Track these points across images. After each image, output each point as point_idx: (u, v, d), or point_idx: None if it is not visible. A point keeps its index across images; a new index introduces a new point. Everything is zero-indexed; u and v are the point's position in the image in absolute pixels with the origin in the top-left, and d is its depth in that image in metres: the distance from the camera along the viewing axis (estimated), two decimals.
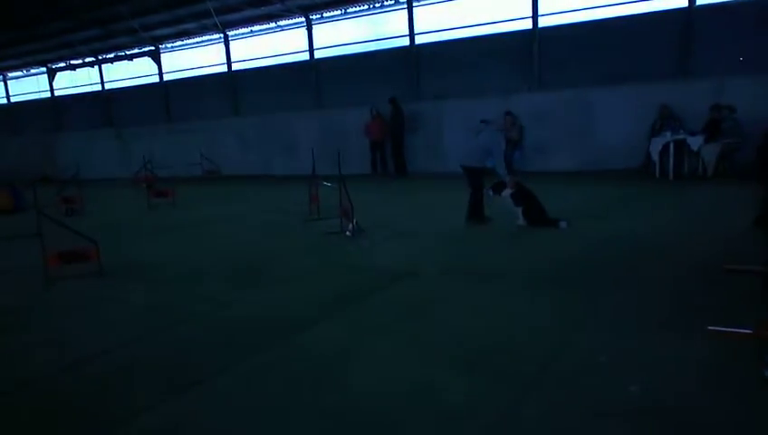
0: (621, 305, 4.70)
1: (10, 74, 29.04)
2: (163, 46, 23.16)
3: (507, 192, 8.30)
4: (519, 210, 8.22)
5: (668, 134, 12.07)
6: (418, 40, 17.44)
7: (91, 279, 6.55)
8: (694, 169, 11.98)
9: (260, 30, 20.66)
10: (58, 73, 26.88)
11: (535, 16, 15.34)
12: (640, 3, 14.18)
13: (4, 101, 29.73)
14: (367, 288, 5.60)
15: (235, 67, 21.59)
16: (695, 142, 11.74)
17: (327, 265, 6.71)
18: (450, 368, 3.73)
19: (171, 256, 7.83)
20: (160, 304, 5.57)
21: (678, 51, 13.86)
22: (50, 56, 25.72)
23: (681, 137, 11.94)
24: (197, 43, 22.50)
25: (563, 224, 7.90)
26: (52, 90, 27.40)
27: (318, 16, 19.09)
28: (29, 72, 28.33)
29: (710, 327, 3.93)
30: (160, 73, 23.57)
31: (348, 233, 8.12)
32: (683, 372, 3.49)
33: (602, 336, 4.09)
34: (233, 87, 21.60)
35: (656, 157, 12.26)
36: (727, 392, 3.25)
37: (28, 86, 28.65)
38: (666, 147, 12.05)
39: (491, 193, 8.46)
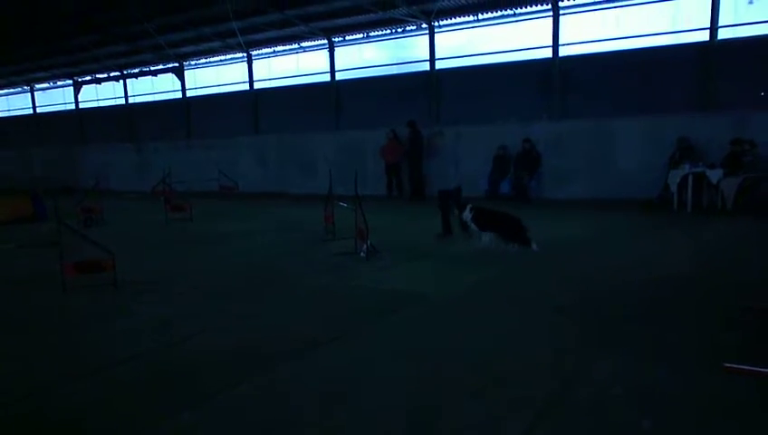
0: (636, 338, 4.64)
1: (37, 86, 29.65)
2: (187, 63, 23.55)
3: (467, 215, 8.53)
4: (491, 235, 8.29)
5: (687, 166, 12.00)
6: (439, 65, 17.58)
7: (107, 290, 6.60)
8: (713, 203, 11.89)
9: (283, 50, 20.96)
10: (84, 87, 27.40)
11: (556, 45, 15.41)
12: (661, 36, 14.21)
13: (31, 111, 30.33)
14: (380, 310, 5.59)
15: (256, 86, 21.86)
16: (714, 175, 11.67)
17: (340, 286, 6.71)
18: (462, 392, 3.69)
19: (185, 269, 7.88)
20: (173, 317, 5.59)
21: (699, 84, 13.83)
22: (76, 69, 26.26)
23: (700, 169, 11.87)
24: (221, 61, 22.85)
25: (535, 247, 7.93)
26: (77, 102, 27.92)
27: (340, 39, 19.33)
28: (56, 85, 28.91)
29: (726, 364, 3.87)
30: (183, 90, 23.92)
31: (362, 254, 8.12)
32: (697, 409, 3.43)
33: (617, 368, 4.03)
34: (254, 105, 21.85)
35: (674, 188, 12.18)
36: (745, 432, 3.20)
37: (54, 98, 29.24)
38: (684, 179, 11.98)
39: (456, 212, 8.88)
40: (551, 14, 15.29)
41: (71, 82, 27.75)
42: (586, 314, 5.30)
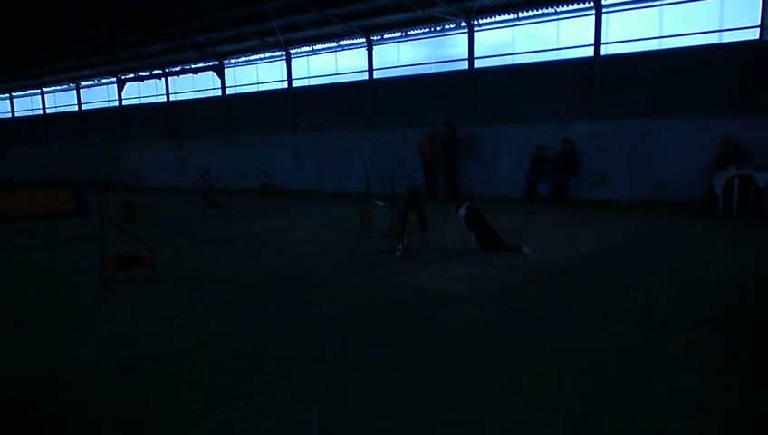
0: (678, 347, 4.50)
1: (83, 83, 30.43)
2: (227, 61, 23.86)
3: (462, 212, 8.65)
4: (472, 234, 8.49)
5: (733, 168, 11.65)
6: (478, 64, 17.42)
7: (146, 285, 6.71)
8: (760, 206, 11.51)
9: (321, 49, 21.06)
10: (127, 84, 28.01)
11: (597, 44, 15.11)
12: (707, 34, 13.82)
13: (76, 108, 31.18)
14: (417, 310, 5.56)
15: (295, 84, 22.02)
16: (761, 178, 11.30)
17: (377, 285, 6.68)
18: (500, 396, 3.63)
19: (224, 266, 7.95)
20: (210, 314, 5.65)
21: (746, 84, 13.39)
22: (120, 67, 26.86)
23: (747, 172, 11.51)
24: (260, 59, 23.09)
25: (526, 249, 8.12)
26: (120, 99, 28.56)
27: (378, 38, 19.32)
28: (100, 82, 29.63)
29: None
30: (223, 87, 24.25)
31: (398, 253, 8.09)
32: (741, 423, 3.31)
33: (659, 377, 3.92)
34: (292, 103, 22.01)
35: (719, 191, 11.83)
36: None
37: (99, 95, 30.00)
38: (730, 181, 11.63)
39: (453, 208, 8.92)
40: (593, 12, 15.01)
41: (114, 79, 28.40)
42: (626, 319, 5.17)
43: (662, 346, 4.49)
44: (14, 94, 34.98)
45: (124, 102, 28.58)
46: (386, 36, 19.20)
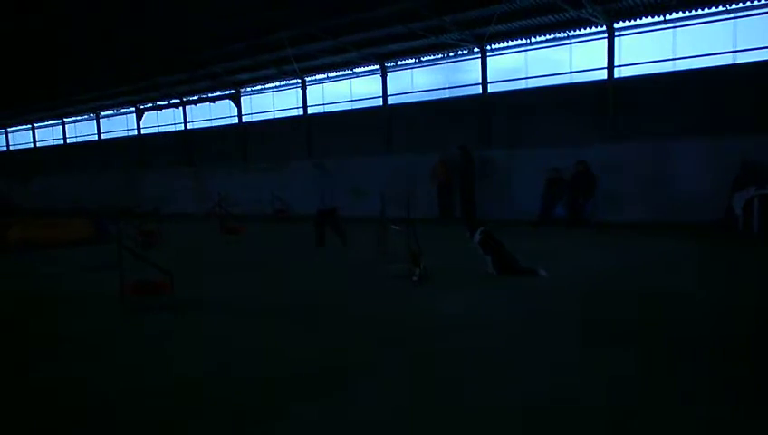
0: (700, 375, 4.43)
1: (103, 113, 31.02)
2: (243, 90, 24.21)
3: (477, 238, 8.62)
4: (488, 259, 8.45)
5: (753, 189, 11.53)
6: (491, 88, 17.52)
7: (165, 311, 6.75)
8: None
9: (336, 76, 21.33)
10: (145, 113, 28.50)
11: (611, 67, 15.15)
12: (722, 55, 13.81)
13: (96, 137, 31.76)
14: (434, 336, 5.52)
15: (310, 111, 22.25)
16: None
17: (393, 311, 6.65)
18: (518, 421, 3.60)
19: (241, 293, 7.97)
20: (229, 341, 5.66)
21: (763, 104, 13.31)
22: (138, 97, 27.37)
23: (767, 192, 11.38)
24: (276, 87, 23.42)
25: (543, 272, 8.05)
26: (139, 128, 29.04)
27: (392, 64, 19.53)
28: (119, 112, 30.17)
29: None
30: (239, 115, 24.58)
31: (415, 278, 8.06)
32: None
33: (677, 405, 3.85)
34: (307, 130, 22.23)
35: (739, 211, 11.71)
36: None
37: (118, 124, 30.57)
38: (750, 201, 11.51)
39: (467, 234, 8.87)
40: (605, 35, 15.08)
41: (133, 109, 28.92)
42: (644, 344, 5.09)
43: (681, 373, 4.42)
44: (36, 125, 35.74)
45: (143, 131, 29.07)
46: (400, 63, 19.41)
